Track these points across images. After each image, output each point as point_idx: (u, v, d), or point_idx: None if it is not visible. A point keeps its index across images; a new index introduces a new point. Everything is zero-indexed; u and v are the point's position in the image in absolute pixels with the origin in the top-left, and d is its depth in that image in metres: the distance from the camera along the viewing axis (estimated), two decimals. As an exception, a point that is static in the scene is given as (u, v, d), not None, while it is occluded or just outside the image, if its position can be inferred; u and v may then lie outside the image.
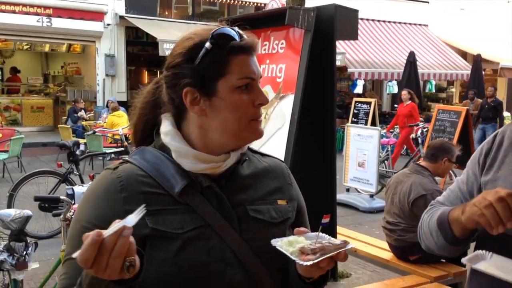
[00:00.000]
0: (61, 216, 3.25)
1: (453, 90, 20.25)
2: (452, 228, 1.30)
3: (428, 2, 18.77)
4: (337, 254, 1.04)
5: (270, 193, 1.25)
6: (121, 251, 0.88)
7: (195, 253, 1.10)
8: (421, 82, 14.64)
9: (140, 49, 17.08)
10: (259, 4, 16.23)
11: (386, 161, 9.12)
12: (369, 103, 11.58)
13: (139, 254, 0.96)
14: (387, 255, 4.08)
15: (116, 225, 0.89)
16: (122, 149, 8.03)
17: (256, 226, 1.18)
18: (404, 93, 10.71)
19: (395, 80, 15.07)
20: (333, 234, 4.15)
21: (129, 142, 8.53)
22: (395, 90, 14.92)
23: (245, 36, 1.16)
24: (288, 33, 4.34)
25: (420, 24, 18.54)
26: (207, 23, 1.24)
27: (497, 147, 1.34)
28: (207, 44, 1.12)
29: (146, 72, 17.77)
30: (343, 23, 4.18)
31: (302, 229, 1.12)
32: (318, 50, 4.07)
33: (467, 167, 1.44)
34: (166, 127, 1.19)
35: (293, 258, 1.03)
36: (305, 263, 1.01)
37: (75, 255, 0.87)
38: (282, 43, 4.40)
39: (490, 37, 17.38)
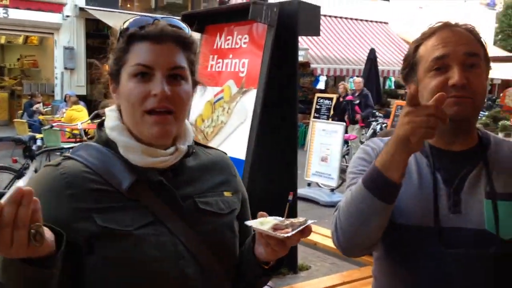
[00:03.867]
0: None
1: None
2: (386, 174, 1.17)
3: (388, 0, 19.15)
4: (304, 228, 1.08)
5: (217, 185, 1.25)
6: (24, 220, 0.81)
7: (147, 249, 1.08)
8: (381, 79, 14.95)
9: (101, 42, 16.71)
10: (222, -1, 16.17)
11: (346, 156, 9.27)
12: (331, 99, 11.77)
13: (58, 234, 0.93)
14: (347, 248, 4.15)
15: (10, 190, 0.82)
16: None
17: (205, 217, 1.18)
18: None
19: (356, 76, 15.32)
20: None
21: (88, 137, 8.36)
22: (356, 86, 15.17)
23: (158, 25, 1.12)
24: (251, 28, 4.35)
25: (380, 22, 18.89)
26: (169, 16, 1.22)
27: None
28: (117, 34, 1.15)
29: (108, 65, 17.38)
30: (306, 19, 4.22)
31: (263, 213, 1.13)
32: (281, 46, 4.10)
33: (354, 179, 1.36)
34: (112, 121, 1.15)
35: (274, 233, 1.05)
36: (286, 235, 1.04)
37: None
38: (245, 38, 4.40)
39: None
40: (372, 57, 12.98)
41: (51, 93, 15.37)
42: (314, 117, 11.30)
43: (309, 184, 8.10)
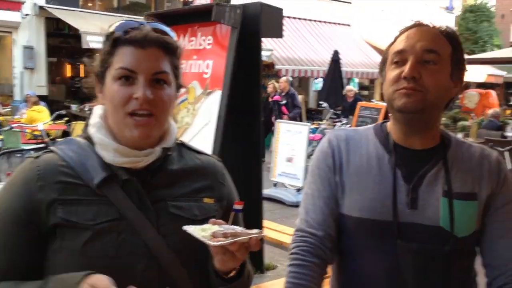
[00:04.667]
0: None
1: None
2: None
3: (350, 3, 19.43)
4: (249, 241, 1.05)
5: (197, 191, 1.25)
6: None
7: (104, 245, 1.10)
8: (345, 80, 15.15)
9: (62, 41, 16.34)
10: (187, -1, 16.08)
11: (311, 156, 9.38)
12: (295, 100, 11.79)
13: None
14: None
15: None
16: (43, 145, 7.68)
17: (175, 222, 1.17)
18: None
19: (321, 77, 15.48)
20: (260, 228, 4.22)
21: (50, 138, 8.17)
22: (320, 87, 15.34)
23: (143, 30, 1.16)
24: (215, 29, 4.34)
25: (343, 24, 19.15)
26: (132, 16, 1.24)
27: (338, 151, 1.45)
28: (104, 37, 1.19)
29: (69, 65, 17.03)
30: (269, 21, 4.25)
31: (218, 220, 1.12)
32: (244, 47, 4.11)
33: (315, 175, 1.48)
34: (94, 118, 1.21)
35: (202, 239, 1.03)
36: (213, 243, 1.02)
37: None
38: (209, 39, 4.39)
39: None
40: (335, 59, 13.11)
41: (10, 93, 14.91)
42: (280, 117, 11.34)
43: (275, 185, 8.15)
